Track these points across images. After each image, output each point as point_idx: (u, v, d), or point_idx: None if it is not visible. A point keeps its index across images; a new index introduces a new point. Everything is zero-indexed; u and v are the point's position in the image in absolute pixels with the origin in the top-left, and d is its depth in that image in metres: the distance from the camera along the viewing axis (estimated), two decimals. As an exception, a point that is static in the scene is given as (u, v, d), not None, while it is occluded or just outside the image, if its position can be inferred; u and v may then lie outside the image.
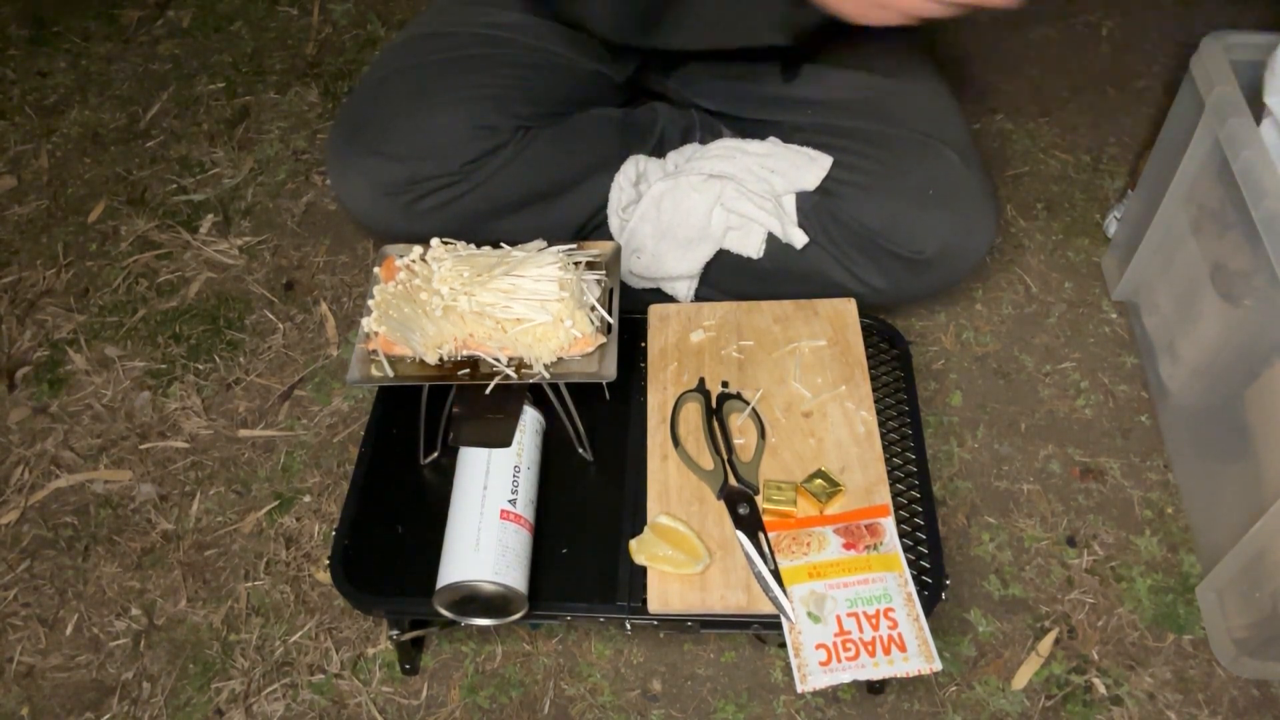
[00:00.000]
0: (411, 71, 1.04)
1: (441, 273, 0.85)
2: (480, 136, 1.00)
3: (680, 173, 1.05)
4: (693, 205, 1.02)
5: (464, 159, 1.01)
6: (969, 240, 1.00)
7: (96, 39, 1.70)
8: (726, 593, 0.80)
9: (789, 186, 1.02)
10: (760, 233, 1.04)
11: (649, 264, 1.06)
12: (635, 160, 1.09)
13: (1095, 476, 1.08)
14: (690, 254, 1.05)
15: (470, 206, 1.03)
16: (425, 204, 1.02)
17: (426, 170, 1.00)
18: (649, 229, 1.04)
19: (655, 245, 1.05)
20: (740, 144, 1.06)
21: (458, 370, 0.85)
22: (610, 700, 0.94)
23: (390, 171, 1.01)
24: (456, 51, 1.04)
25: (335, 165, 1.04)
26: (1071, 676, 0.94)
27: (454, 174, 1.01)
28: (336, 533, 0.88)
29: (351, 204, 1.06)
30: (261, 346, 1.25)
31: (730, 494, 0.84)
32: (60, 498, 1.12)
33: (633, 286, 1.10)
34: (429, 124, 1.00)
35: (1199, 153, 1.01)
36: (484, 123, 1.00)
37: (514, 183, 1.04)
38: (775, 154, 1.04)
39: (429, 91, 1.01)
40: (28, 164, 1.50)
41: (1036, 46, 1.59)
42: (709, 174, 1.03)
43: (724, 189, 1.02)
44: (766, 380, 0.93)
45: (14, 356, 1.25)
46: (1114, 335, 1.20)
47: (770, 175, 1.03)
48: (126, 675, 0.98)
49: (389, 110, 1.01)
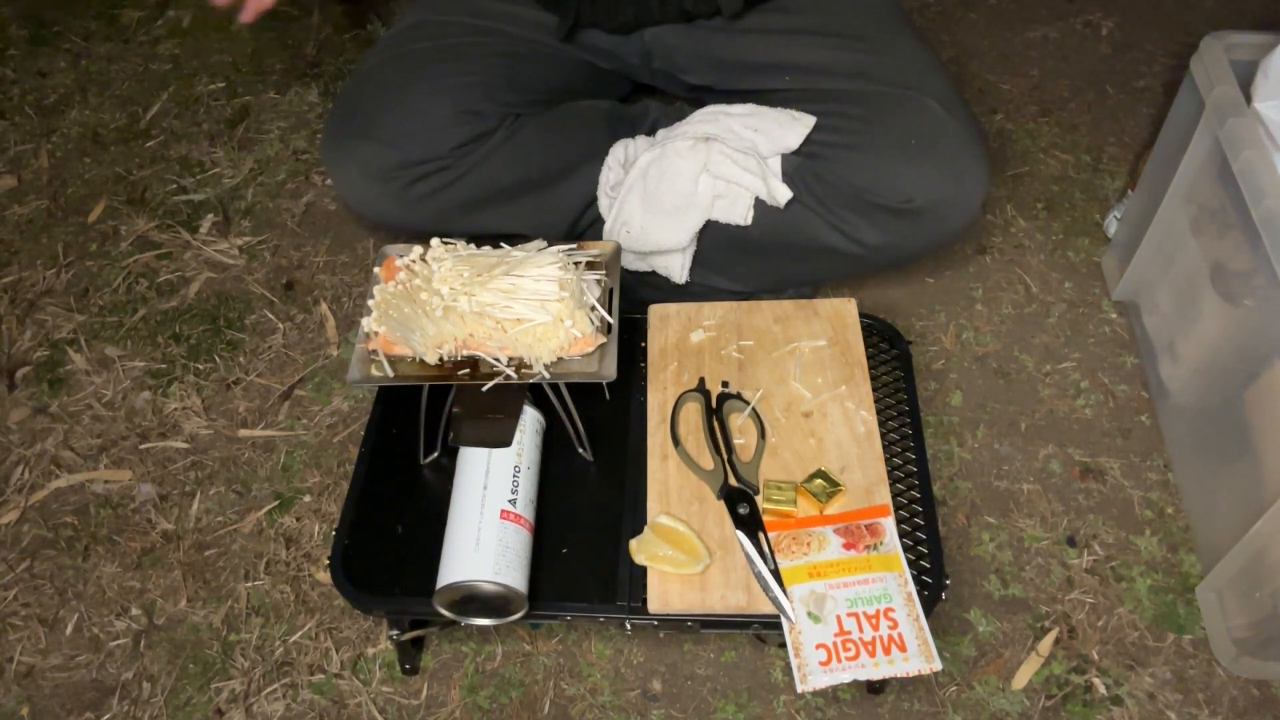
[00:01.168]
0: (400, 59, 1.06)
1: (441, 273, 0.85)
2: (466, 121, 1.02)
3: (666, 139, 1.05)
4: (679, 170, 1.02)
5: (451, 143, 1.02)
6: (959, 188, 0.99)
7: (96, 39, 1.70)
8: (726, 593, 0.80)
9: (773, 147, 1.03)
10: (747, 198, 1.03)
11: (638, 237, 1.06)
12: (625, 143, 1.10)
13: (1095, 476, 1.08)
14: (678, 223, 1.04)
15: (462, 194, 1.04)
16: (417, 190, 1.04)
17: (415, 154, 1.02)
18: (636, 200, 1.05)
19: (643, 218, 1.05)
20: (723, 108, 1.06)
21: (458, 370, 0.85)
22: (610, 700, 0.94)
23: (380, 156, 1.02)
24: (445, 39, 1.07)
25: (328, 151, 1.06)
26: (1071, 676, 0.94)
27: (443, 159, 1.02)
28: (336, 533, 0.88)
29: (346, 191, 1.08)
30: (261, 346, 1.25)
31: (730, 494, 0.84)
32: (60, 498, 1.12)
33: (628, 268, 1.10)
34: (414, 108, 1.02)
35: (1199, 153, 1.01)
36: (469, 108, 1.02)
37: (504, 170, 1.05)
38: (758, 114, 1.04)
39: (415, 77, 1.03)
40: (28, 164, 1.50)
41: (1036, 46, 1.59)
42: (694, 138, 1.03)
43: (710, 152, 1.02)
44: (766, 380, 0.93)
45: (14, 356, 1.25)
46: (1114, 335, 1.20)
47: (754, 135, 1.03)
48: (126, 675, 0.98)
49: (377, 95, 1.03)
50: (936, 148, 0.98)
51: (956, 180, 0.99)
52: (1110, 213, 1.29)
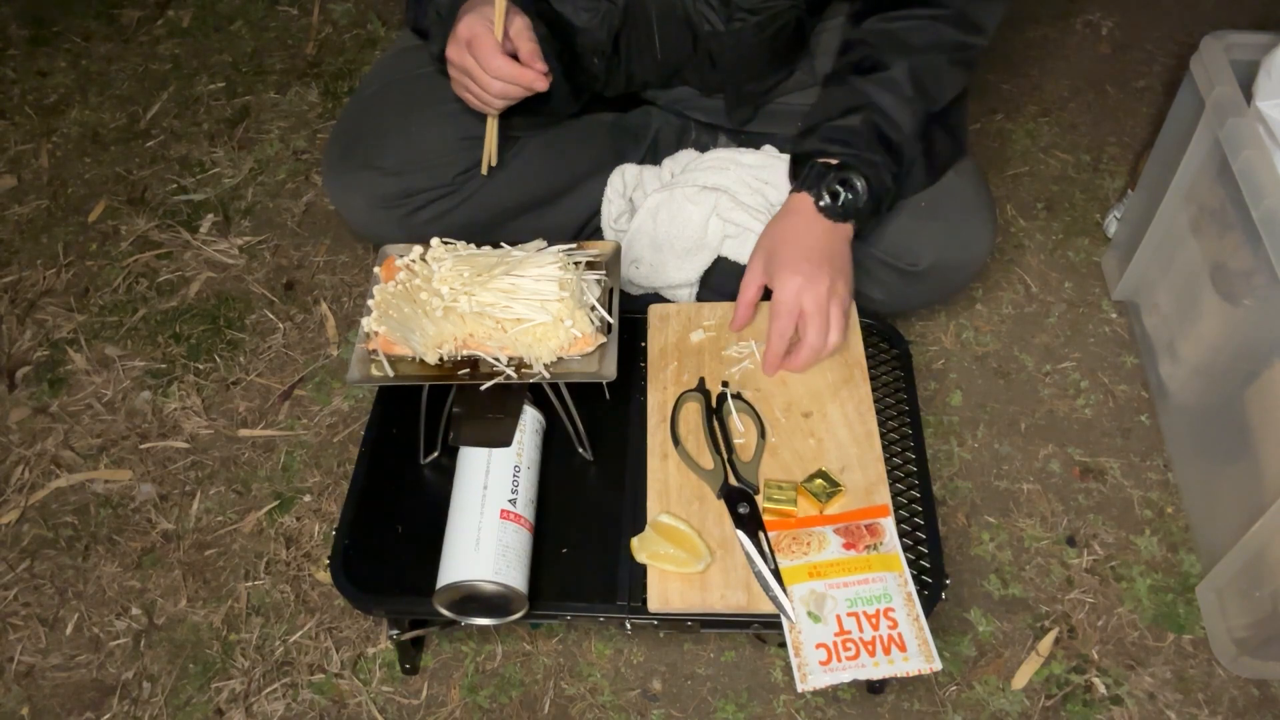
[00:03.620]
0: (401, 85, 1.04)
1: (441, 273, 0.85)
2: (471, 147, 1.01)
3: (675, 184, 1.05)
4: (689, 217, 1.03)
5: (456, 170, 1.02)
6: (965, 252, 1.00)
7: (96, 39, 1.70)
8: (727, 592, 0.80)
9: (782, 197, 1.02)
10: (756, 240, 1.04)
11: (648, 274, 1.07)
12: (622, 171, 1.10)
13: (1095, 476, 1.08)
14: (689, 263, 1.05)
15: (466, 217, 1.03)
16: (422, 216, 1.03)
17: (420, 183, 1.01)
18: (646, 240, 1.05)
19: (654, 256, 1.05)
20: (735, 154, 1.06)
21: (458, 370, 0.85)
22: (610, 700, 0.94)
23: (385, 185, 1.02)
24: None
25: (331, 180, 1.05)
26: (1071, 676, 0.94)
27: (447, 185, 1.02)
28: (336, 533, 0.88)
29: (350, 217, 1.07)
30: (261, 346, 1.25)
31: (730, 493, 0.84)
32: (60, 497, 1.12)
33: (633, 294, 1.11)
34: (420, 137, 1.01)
35: (1199, 152, 1.01)
36: (472, 133, 1.01)
37: (508, 191, 1.04)
38: (769, 165, 1.04)
39: (419, 104, 1.02)
40: (28, 164, 1.50)
41: (1036, 46, 1.59)
42: (703, 185, 1.03)
43: (719, 200, 1.02)
44: (766, 380, 0.93)
45: (14, 356, 1.25)
46: (1114, 335, 1.20)
47: (764, 186, 1.03)
48: (126, 675, 0.98)
49: (381, 125, 1.02)
50: (948, 211, 0.98)
51: (963, 245, 0.99)
52: (1110, 213, 1.29)
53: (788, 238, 0.90)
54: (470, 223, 1.04)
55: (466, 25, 0.88)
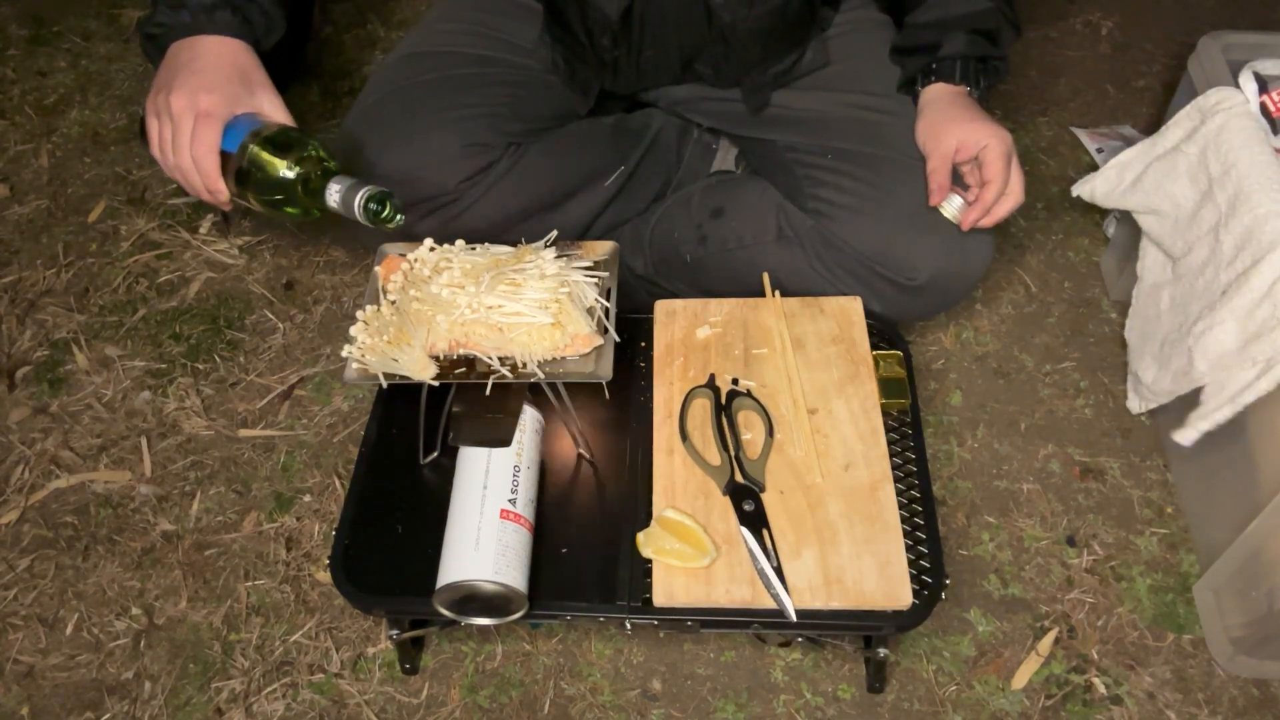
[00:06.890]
0: (402, 93, 1.03)
1: (440, 273, 0.85)
2: (473, 154, 1.00)
3: None
4: None
5: (459, 177, 1.01)
6: (963, 266, 0.99)
7: (96, 39, 1.70)
8: (731, 587, 0.80)
9: None
10: None
11: None
12: None
13: (1095, 476, 1.08)
14: None
15: (469, 224, 1.02)
16: (424, 225, 1.02)
17: (423, 191, 1.00)
18: None
19: None
20: None
21: (455, 370, 0.85)
22: (610, 700, 0.94)
23: None
24: (447, 71, 1.04)
25: None
26: (1071, 676, 0.94)
27: (450, 193, 1.01)
28: (336, 533, 0.88)
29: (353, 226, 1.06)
30: (261, 346, 1.25)
31: (736, 490, 0.84)
32: (60, 497, 1.12)
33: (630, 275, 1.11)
34: (422, 146, 1.00)
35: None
36: (475, 141, 1.00)
37: (510, 197, 1.03)
38: None
39: (421, 113, 1.01)
40: (28, 164, 1.50)
41: (1036, 46, 1.59)
42: None
43: None
44: (773, 377, 0.93)
45: (14, 356, 1.25)
46: (1114, 335, 1.20)
47: None
48: (126, 675, 0.98)
49: (383, 133, 1.01)
50: (944, 224, 0.97)
51: (963, 257, 0.98)
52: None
53: (962, 116, 0.96)
54: (474, 230, 1.03)
55: (211, 103, 0.84)
